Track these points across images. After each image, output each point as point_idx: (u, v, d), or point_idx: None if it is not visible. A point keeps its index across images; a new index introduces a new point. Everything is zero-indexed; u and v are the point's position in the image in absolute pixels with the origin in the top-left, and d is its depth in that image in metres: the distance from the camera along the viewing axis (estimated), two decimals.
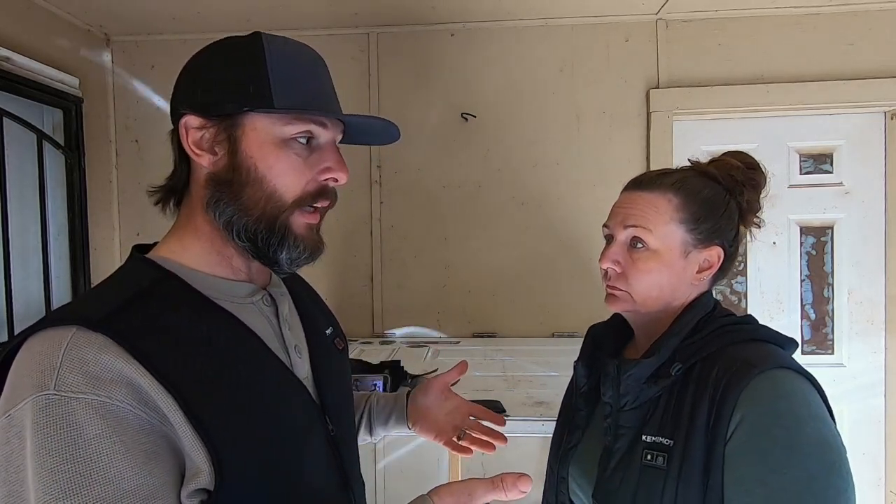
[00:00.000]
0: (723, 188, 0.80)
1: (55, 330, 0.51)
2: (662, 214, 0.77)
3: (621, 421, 0.77)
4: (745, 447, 0.65)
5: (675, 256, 0.77)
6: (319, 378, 0.69)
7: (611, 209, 0.83)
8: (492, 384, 1.50)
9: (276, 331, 0.66)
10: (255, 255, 0.62)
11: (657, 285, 0.78)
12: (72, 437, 0.45)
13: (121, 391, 0.48)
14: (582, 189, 2.16)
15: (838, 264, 2.17)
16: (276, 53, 0.60)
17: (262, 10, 2.02)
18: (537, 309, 2.18)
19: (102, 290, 0.59)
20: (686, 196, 0.77)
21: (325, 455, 0.66)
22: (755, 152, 0.85)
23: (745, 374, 0.67)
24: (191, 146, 0.60)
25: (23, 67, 1.76)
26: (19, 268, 1.82)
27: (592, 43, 2.14)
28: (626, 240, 0.79)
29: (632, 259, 0.78)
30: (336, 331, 0.81)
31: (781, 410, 0.65)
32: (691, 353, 0.74)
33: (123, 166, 2.27)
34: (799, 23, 2.07)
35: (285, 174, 0.60)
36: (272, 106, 0.58)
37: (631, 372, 0.76)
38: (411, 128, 2.18)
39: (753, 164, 0.82)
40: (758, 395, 0.66)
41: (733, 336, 0.75)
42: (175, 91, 0.63)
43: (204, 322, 0.57)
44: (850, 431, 2.16)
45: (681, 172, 0.81)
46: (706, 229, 0.77)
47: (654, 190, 0.79)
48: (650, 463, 0.71)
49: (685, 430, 0.69)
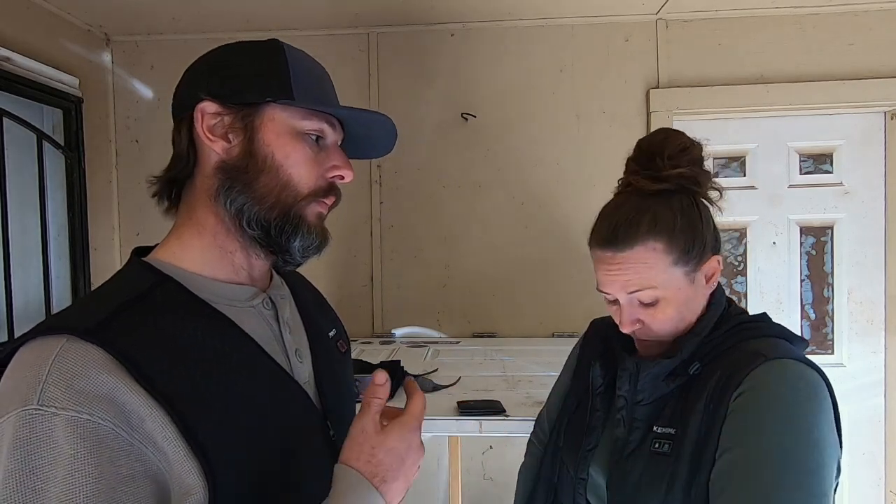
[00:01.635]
0: (684, 195, 0.78)
1: (46, 339, 0.50)
2: (655, 266, 0.75)
3: (636, 414, 0.79)
4: (737, 417, 0.68)
5: (685, 289, 0.77)
6: (321, 382, 0.69)
7: (596, 271, 0.81)
8: (492, 384, 1.50)
9: (277, 335, 0.65)
10: (264, 243, 0.62)
11: (679, 317, 0.78)
12: (48, 455, 0.45)
13: (104, 409, 0.47)
14: (582, 189, 2.16)
15: (838, 264, 2.17)
16: (294, 57, 0.63)
17: (262, 10, 2.02)
18: (537, 309, 2.18)
19: (98, 296, 0.59)
20: (667, 235, 0.75)
21: (324, 459, 0.65)
22: (755, 152, 0.84)
23: (752, 362, 0.70)
24: (205, 131, 0.60)
25: (23, 67, 1.76)
26: (19, 268, 1.82)
27: (592, 43, 2.15)
28: (633, 300, 0.79)
29: (648, 313, 0.78)
30: (339, 333, 0.81)
31: (781, 391, 0.68)
32: (708, 352, 0.76)
33: (123, 166, 2.27)
34: (799, 23, 2.07)
35: (300, 165, 0.61)
36: (293, 99, 0.60)
37: (651, 370, 0.77)
38: (411, 128, 2.19)
39: (683, 143, 0.78)
40: (761, 376, 0.69)
41: (747, 333, 0.77)
42: (187, 81, 0.64)
43: (200, 328, 0.57)
44: (850, 431, 2.15)
45: (648, 212, 0.76)
46: (697, 252, 0.77)
47: (634, 244, 0.75)
48: (657, 450, 0.74)
49: (688, 416, 0.72)
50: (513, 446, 2.19)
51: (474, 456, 2.17)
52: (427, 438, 0.96)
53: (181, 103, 0.63)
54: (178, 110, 0.64)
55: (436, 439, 2.11)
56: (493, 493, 2.16)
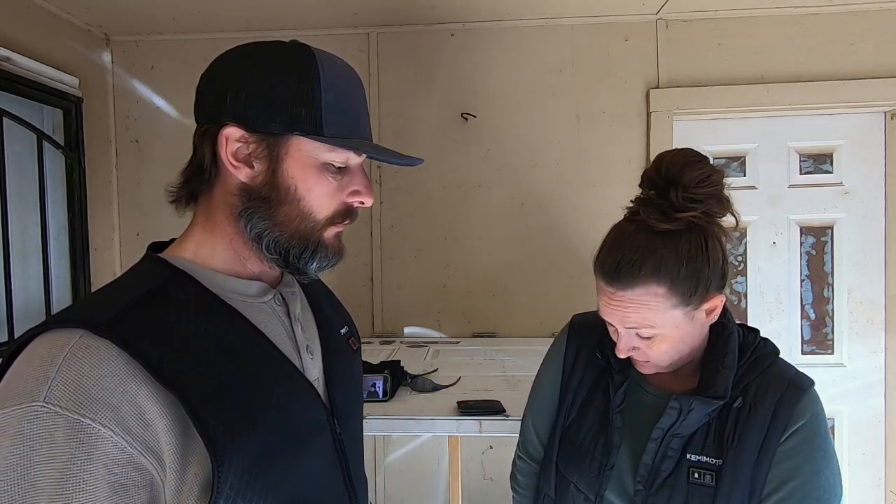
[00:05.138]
0: (694, 234, 0.74)
1: (60, 332, 0.51)
2: (654, 309, 0.75)
3: (671, 444, 0.79)
4: (793, 453, 0.74)
5: (683, 326, 0.77)
6: (331, 379, 0.69)
7: (598, 296, 0.81)
8: (492, 384, 1.50)
9: (288, 331, 0.66)
10: (282, 265, 0.63)
11: (677, 352, 0.80)
12: (47, 453, 0.46)
13: (107, 414, 0.48)
14: (582, 189, 2.16)
15: (838, 264, 2.17)
16: (329, 77, 0.60)
17: (263, 10, 2.02)
18: (537, 309, 2.18)
19: (114, 289, 0.59)
20: (670, 280, 0.73)
21: (331, 457, 0.66)
22: (755, 152, 0.84)
23: (795, 395, 0.76)
24: (229, 158, 0.59)
25: (23, 67, 1.76)
26: (19, 268, 1.82)
27: (592, 43, 2.15)
28: (632, 333, 0.79)
29: (644, 344, 0.79)
30: (351, 330, 0.81)
31: (820, 424, 0.76)
32: (738, 383, 0.79)
33: (123, 166, 2.27)
34: (799, 23, 2.07)
35: (322, 197, 0.62)
36: (321, 133, 0.59)
37: (700, 408, 0.77)
38: (411, 128, 2.19)
39: (705, 173, 0.74)
40: (807, 412, 0.75)
41: (763, 360, 0.81)
42: (209, 92, 0.61)
43: (213, 323, 0.57)
44: (850, 431, 2.16)
45: (653, 257, 0.73)
46: (700, 295, 0.75)
47: (635, 286, 0.74)
48: (698, 481, 0.75)
49: (734, 450, 0.75)
50: (513, 446, 2.18)
51: (474, 456, 2.16)
52: (427, 438, 0.96)
53: (204, 112, 0.62)
54: (201, 118, 0.62)
55: (436, 439, 2.11)
56: (493, 493, 2.16)
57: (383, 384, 1.34)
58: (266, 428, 0.56)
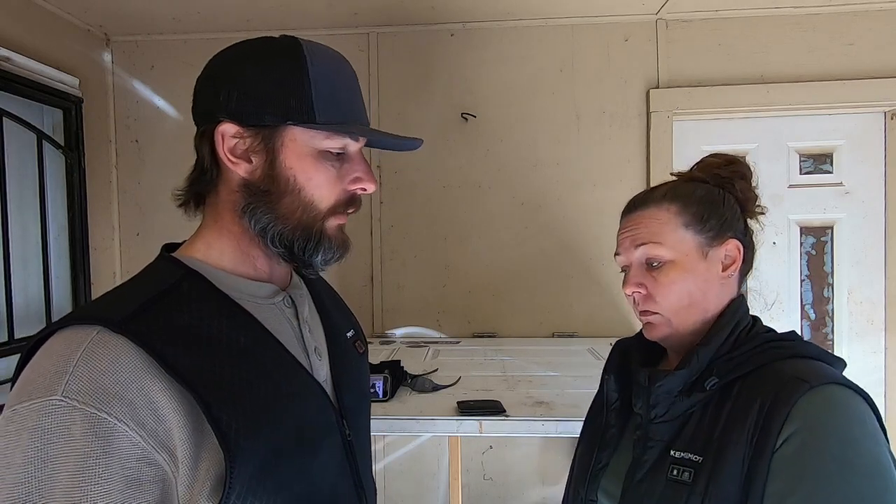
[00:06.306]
0: (712, 185, 0.80)
1: (77, 329, 0.52)
2: (666, 224, 0.76)
3: (651, 433, 0.74)
4: (793, 461, 0.61)
5: (695, 260, 0.76)
6: (338, 381, 0.70)
7: (617, 239, 0.83)
8: (492, 384, 1.50)
9: (297, 333, 0.67)
10: (288, 258, 0.64)
11: (686, 294, 0.75)
12: (64, 447, 0.46)
13: (123, 409, 0.48)
14: (582, 189, 2.16)
15: (838, 264, 2.17)
16: (317, 65, 0.60)
17: (263, 10, 2.02)
18: (537, 309, 2.18)
19: (129, 288, 0.60)
20: (681, 200, 0.78)
21: (341, 459, 0.66)
22: (755, 152, 0.85)
23: (796, 389, 0.64)
24: (227, 154, 0.60)
25: (23, 67, 1.76)
26: (19, 268, 1.82)
27: (592, 43, 2.15)
28: (642, 261, 0.78)
29: (653, 277, 0.77)
30: (357, 333, 0.82)
31: (835, 427, 0.61)
32: (730, 369, 0.71)
33: (123, 166, 2.27)
34: (799, 23, 2.07)
35: (322, 186, 0.62)
36: (314, 121, 0.59)
37: (662, 383, 0.73)
38: (411, 128, 2.19)
39: (732, 158, 0.82)
40: (811, 410, 0.62)
41: (777, 353, 0.71)
42: (204, 92, 0.62)
43: (225, 322, 0.58)
44: None
45: (668, 184, 0.82)
46: (714, 225, 0.76)
47: (648, 205, 0.79)
48: (675, 478, 0.69)
49: (716, 446, 0.67)
50: (513, 446, 2.19)
51: (474, 456, 2.16)
52: (427, 438, 0.96)
53: (200, 112, 0.63)
54: (198, 119, 0.63)
55: (436, 439, 2.11)
56: (493, 493, 2.16)
57: (383, 384, 1.34)
58: (278, 427, 0.57)
